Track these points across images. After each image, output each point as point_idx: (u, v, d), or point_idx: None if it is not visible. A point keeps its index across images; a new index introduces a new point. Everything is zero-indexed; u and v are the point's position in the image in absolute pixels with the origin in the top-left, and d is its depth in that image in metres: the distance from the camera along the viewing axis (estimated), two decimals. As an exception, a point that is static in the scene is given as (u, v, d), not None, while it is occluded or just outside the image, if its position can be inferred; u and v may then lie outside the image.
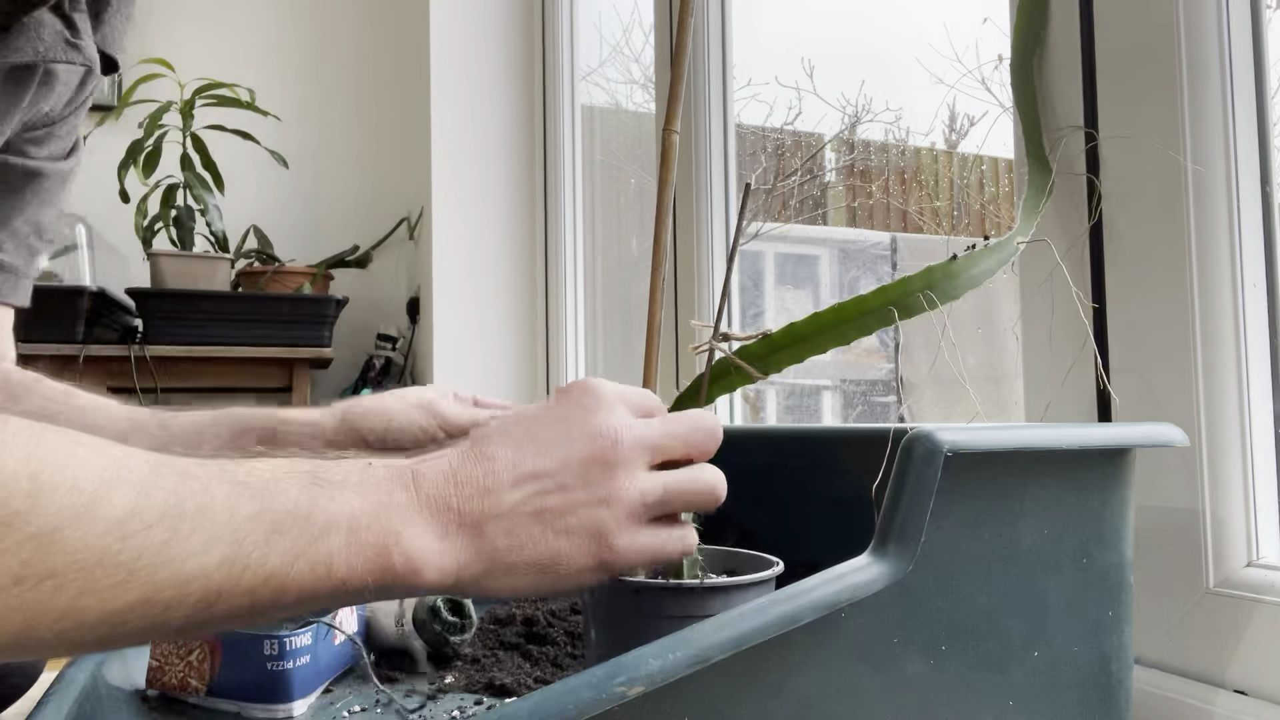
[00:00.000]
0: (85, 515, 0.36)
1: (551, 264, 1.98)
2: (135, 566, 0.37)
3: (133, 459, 0.39)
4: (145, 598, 0.37)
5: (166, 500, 0.38)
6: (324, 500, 0.41)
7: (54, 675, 0.64)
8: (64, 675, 0.63)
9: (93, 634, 0.37)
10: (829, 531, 0.68)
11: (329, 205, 2.49)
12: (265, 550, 0.39)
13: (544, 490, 0.45)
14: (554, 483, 0.45)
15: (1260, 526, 0.63)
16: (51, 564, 0.35)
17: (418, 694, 0.68)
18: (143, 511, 0.37)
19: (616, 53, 1.97)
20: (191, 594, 0.38)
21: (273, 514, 0.40)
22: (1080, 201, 0.72)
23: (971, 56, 1.11)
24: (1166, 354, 0.65)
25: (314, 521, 0.41)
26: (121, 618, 0.37)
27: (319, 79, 2.52)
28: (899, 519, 0.46)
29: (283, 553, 0.40)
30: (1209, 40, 0.64)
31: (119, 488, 0.37)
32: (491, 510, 0.44)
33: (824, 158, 1.56)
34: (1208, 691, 0.61)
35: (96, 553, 0.36)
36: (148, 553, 0.37)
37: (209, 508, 0.39)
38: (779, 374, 0.58)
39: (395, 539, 0.42)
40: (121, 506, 0.37)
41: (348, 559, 0.41)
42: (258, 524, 0.40)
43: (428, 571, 0.43)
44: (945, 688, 0.47)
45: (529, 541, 0.44)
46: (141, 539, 0.37)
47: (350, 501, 0.42)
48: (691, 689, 0.41)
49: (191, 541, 0.38)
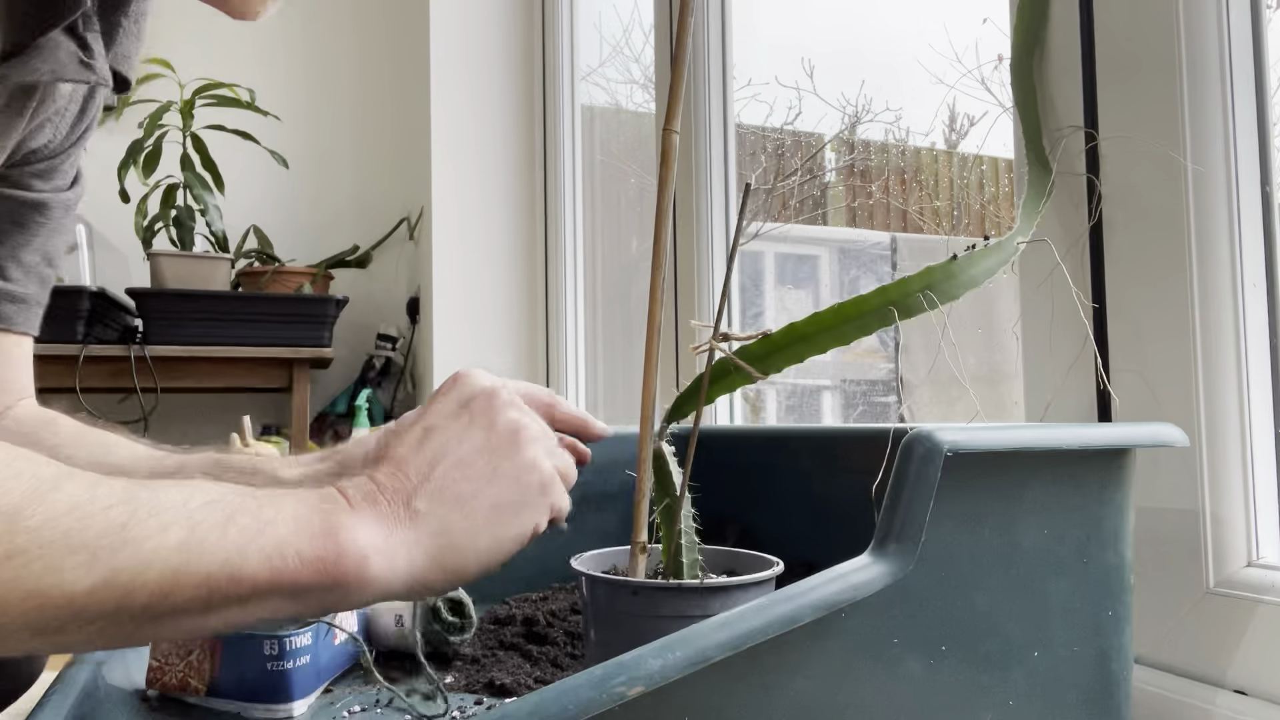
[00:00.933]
0: (45, 498, 0.38)
1: (551, 264, 1.99)
2: (96, 546, 0.39)
3: (78, 469, 0.41)
4: (105, 580, 0.39)
5: (122, 490, 0.41)
6: (268, 503, 0.45)
7: (54, 675, 0.64)
8: (64, 675, 0.63)
9: (59, 615, 0.38)
10: (829, 531, 0.68)
11: (329, 205, 2.49)
12: (220, 535, 0.42)
13: (458, 456, 0.50)
14: (457, 442, 0.51)
15: (1260, 526, 0.63)
16: (16, 541, 0.37)
17: (418, 693, 0.68)
18: (100, 496, 0.40)
19: (616, 53, 1.97)
20: (150, 577, 0.40)
21: (225, 505, 0.43)
22: (1080, 201, 0.72)
23: (971, 56, 1.11)
24: (1166, 354, 0.65)
25: (263, 514, 0.44)
26: (84, 602, 0.39)
27: (319, 79, 2.52)
28: (899, 519, 0.46)
29: (236, 539, 0.42)
30: (1209, 40, 0.64)
31: (75, 479, 0.40)
32: (416, 485, 0.49)
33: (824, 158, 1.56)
34: (1208, 691, 0.61)
35: (60, 530, 0.38)
36: (108, 533, 0.39)
37: (163, 500, 0.41)
38: (779, 374, 0.58)
39: (338, 526, 0.45)
40: (80, 492, 0.39)
41: (296, 545, 0.43)
42: (211, 511, 0.42)
43: (374, 563, 0.45)
44: (945, 688, 0.47)
45: (469, 496, 0.49)
46: (101, 519, 0.39)
47: (289, 502, 0.45)
48: (691, 689, 0.41)
49: (149, 523, 0.40)
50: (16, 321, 0.78)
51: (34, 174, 0.75)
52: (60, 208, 0.78)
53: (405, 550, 0.47)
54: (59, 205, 0.78)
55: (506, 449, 0.51)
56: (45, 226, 0.77)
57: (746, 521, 0.88)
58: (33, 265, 0.78)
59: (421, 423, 0.52)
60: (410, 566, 0.47)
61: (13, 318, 0.78)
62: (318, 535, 0.44)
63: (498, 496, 0.50)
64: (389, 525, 0.47)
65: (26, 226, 0.77)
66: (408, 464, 0.49)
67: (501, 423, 0.52)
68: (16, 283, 0.77)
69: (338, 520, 0.45)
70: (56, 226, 0.79)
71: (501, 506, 0.50)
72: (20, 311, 0.78)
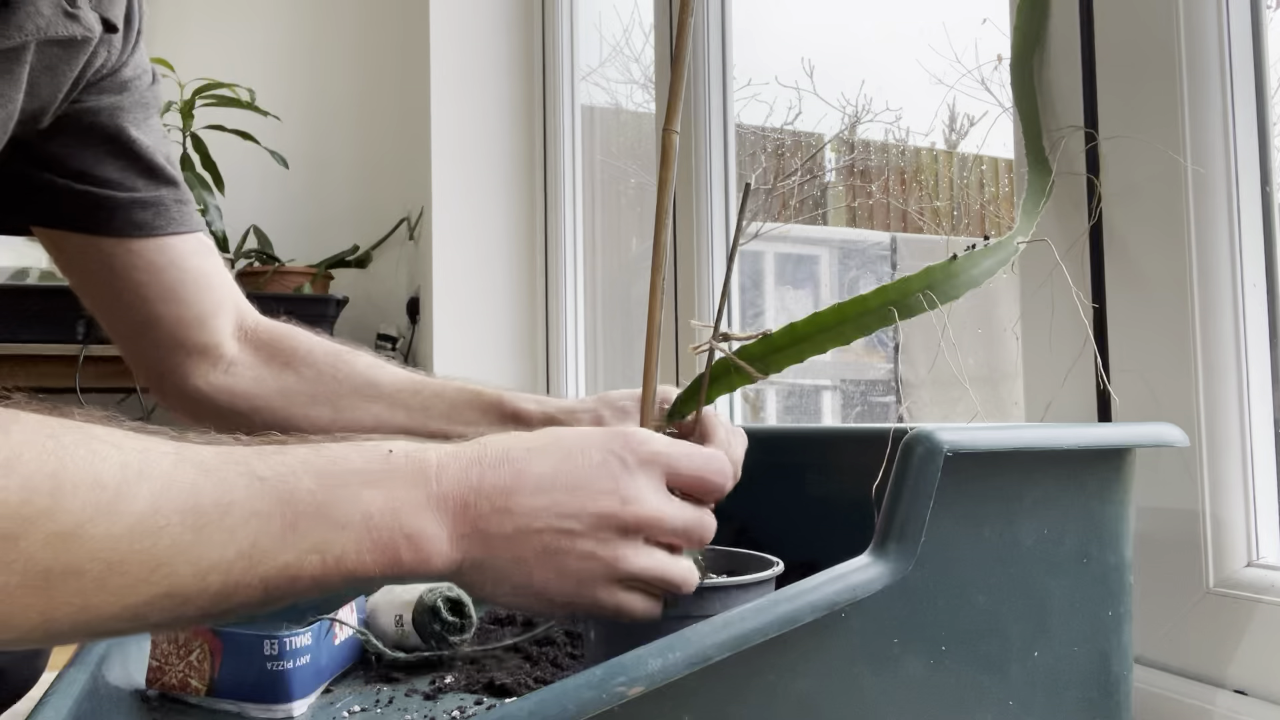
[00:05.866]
0: (108, 511, 0.36)
1: (551, 264, 1.98)
2: (157, 562, 0.37)
3: (152, 453, 0.39)
4: (165, 592, 0.38)
5: (186, 496, 0.39)
6: (339, 496, 0.42)
7: (54, 675, 0.64)
8: (64, 675, 0.63)
9: (111, 626, 0.38)
10: (829, 531, 0.68)
11: (329, 205, 2.49)
12: (280, 544, 0.40)
13: (556, 527, 0.46)
14: (566, 525, 0.46)
15: (1260, 526, 0.63)
16: (75, 560, 0.36)
17: (417, 694, 0.68)
18: (164, 508, 0.38)
19: (616, 53, 1.97)
20: (210, 586, 0.39)
21: (289, 510, 0.41)
22: (1080, 201, 0.72)
23: (971, 56, 1.11)
24: (1166, 354, 0.65)
25: (328, 518, 0.42)
26: (141, 610, 0.38)
27: (319, 79, 2.52)
28: (899, 519, 0.46)
29: (297, 546, 0.41)
30: (1209, 40, 0.64)
31: (140, 483, 0.38)
32: (503, 523, 0.45)
33: (824, 158, 1.56)
34: (1208, 691, 0.61)
35: (120, 550, 0.37)
36: (169, 549, 0.38)
37: (228, 503, 0.40)
38: (779, 374, 0.58)
39: (406, 537, 0.43)
40: (144, 502, 0.37)
41: (359, 554, 0.42)
42: (274, 520, 0.40)
43: (434, 562, 0.44)
44: (945, 688, 0.47)
45: (526, 568, 0.46)
46: (163, 536, 0.37)
47: (365, 497, 0.43)
48: (691, 689, 0.41)
49: (212, 536, 0.39)
50: (196, 221, 0.78)
51: (116, 88, 0.74)
52: (156, 104, 0.78)
53: (461, 556, 0.45)
54: (155, 103, 0.78)
55: (606, 535, 0.47)
56: (139, 125, 0.76)
57: (746, 521, 0.88)
58: (173, 158, 0.78)
59: (576, 456, 0.47)
60: (460, 570, 0.45)
61: (192, 218, 0.77)
62: (380, 544, 0.42)
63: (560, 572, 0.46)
64: (463, 535, 0.45)
65: (150, 117, 0.76)
66: (520, 495, 0.46)
67: (627, 515, 0.47)
68: (181, 186, 0.77)
69: (407, 528, 0.43)
70: (150, 124, 0.77)
71: (563, 576, 0.46)
72: (182, 209, 0.77)
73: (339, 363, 0.79)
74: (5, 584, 0.34)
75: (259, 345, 0.80)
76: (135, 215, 0.74)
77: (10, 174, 0.72)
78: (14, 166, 0.71)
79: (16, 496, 0.34)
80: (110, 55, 0.71)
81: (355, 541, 0.42)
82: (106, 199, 0.73)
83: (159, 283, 0.75)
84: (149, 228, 0.74)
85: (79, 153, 0.72)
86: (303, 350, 0.80)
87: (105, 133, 0.73)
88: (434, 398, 0.76)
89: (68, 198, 0.72)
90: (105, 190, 0.73)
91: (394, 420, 0.76)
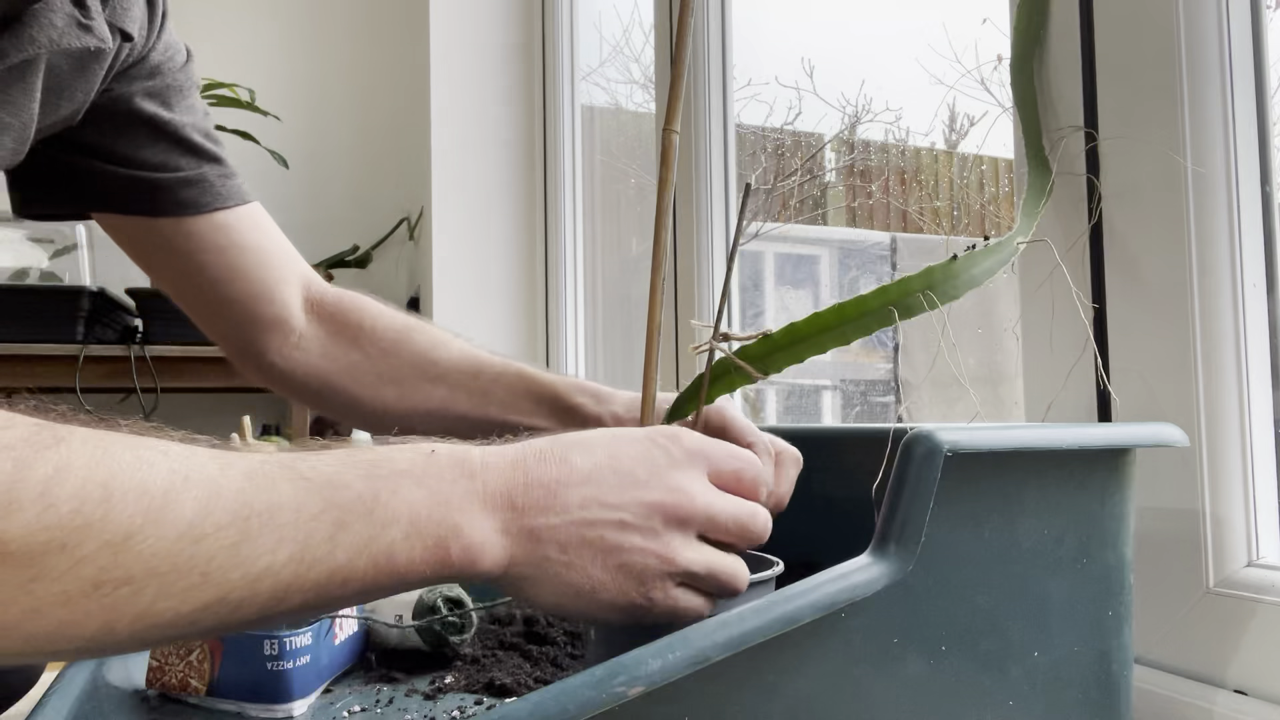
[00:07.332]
0: (157, 519, 0.36)
1: (551, 264, 1.98)
2: (209, 568, 0.37)
3: (198, 457, 0.39)
4: (219, 597, 0.38)
5: (235, 500, 0.38)
6: (386, 493, 0.42)
7: (54, 675, 0.64)
8: (64, 675, 0.63)
9: (167, 633, 0.38)
10: (829, 531, 0.68)
11: (329, 205, 2.49)
12: (331, 546, 0.40)
13: (606, 520, 0.45)
14: (618, 516, 0.45)
15: (1260, 526, 0.63)
16: (128, 570, 0.36)
17: (417, 694, 0.68)
18: (213, 513, 0.38)
19: (616, 53, 1.97)
20: (262, 592, 0.39)
21: (337, 510, 0.40)
22: (1080, 201, 0.72)
23: (971, 56, 1.11)
24: (1166, 354, 0.65)
25: (376, 516, 0.41)
26: (195, 617, 0.38)
27: (319, 79, 2.52)
28: (899, 519, 0.46)
29: (347, 548, 0.40)
30: (1209, 40, 0.64)
31: (188, 490, 0.37)
32: (552, 518, 0.44)
33: (824, 158, 1.56)
34: (1208, 691, 0.61)
35: (171, 557, 0.36)
36: (220, 554, 0.37)
37: (276, 506, 0.39)
38: (779, 374, 0.58)
39: (454, 531, 0.42)
40: (192, 508, 0.37)
41: (408, 552, 0.41)
42: (323, 521, 0.40)
43: (483, 562, 0.43)
44: (945, 688, 0.47)
45: (577, 562, 0.44)
46: (213, 541, 0.37)
47: (411, 493, 0.42)
48: (691, 689, 0.41)
49: (261, 541, 0.38)
50: (244, 193, 0.78)
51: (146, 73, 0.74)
52: (190, 82, 0.78)
53: (509, 554, 0.44)
54: (189, 82, 0.78)
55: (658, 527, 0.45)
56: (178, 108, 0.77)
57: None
58: (213, 134, 0.78)
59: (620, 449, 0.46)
60: (508, 570, 0.44)
61: (239, 190, 0.78)
62: (429, 539, 0.42)
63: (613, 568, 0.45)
64: (511, 530, 0.44)
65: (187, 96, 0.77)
66: (568, 487, 0.45)
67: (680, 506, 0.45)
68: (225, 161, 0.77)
69: (455, 521, 0.43)
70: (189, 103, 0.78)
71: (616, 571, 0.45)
72: (229, 182, 0.78)
73: (402, 339, 0.79)
74: (65, 592, 0.34)
75: (326, 317, 0.81)
76: (181, 194, 0.75)
77: (59, 164, 0.74)
78: (61, 157, 0.73)
79: (68, 506, 0.34)
80: (135, 45, 0.71)
81: (403, 539, 0.41)
82: (152, 181, 0.74)
83: (221, 262, 0.77)
84: (197, 205, 0.76)
85: (119, 139, 0.74)
86: (368, 324, 0.80)
87: (140, 117, 0.74)
88: (493, 383, 0.76)
89: (116, 183, 0.74)
90: (149, 173, 0.75)
91: (456, 406, 0.76)
